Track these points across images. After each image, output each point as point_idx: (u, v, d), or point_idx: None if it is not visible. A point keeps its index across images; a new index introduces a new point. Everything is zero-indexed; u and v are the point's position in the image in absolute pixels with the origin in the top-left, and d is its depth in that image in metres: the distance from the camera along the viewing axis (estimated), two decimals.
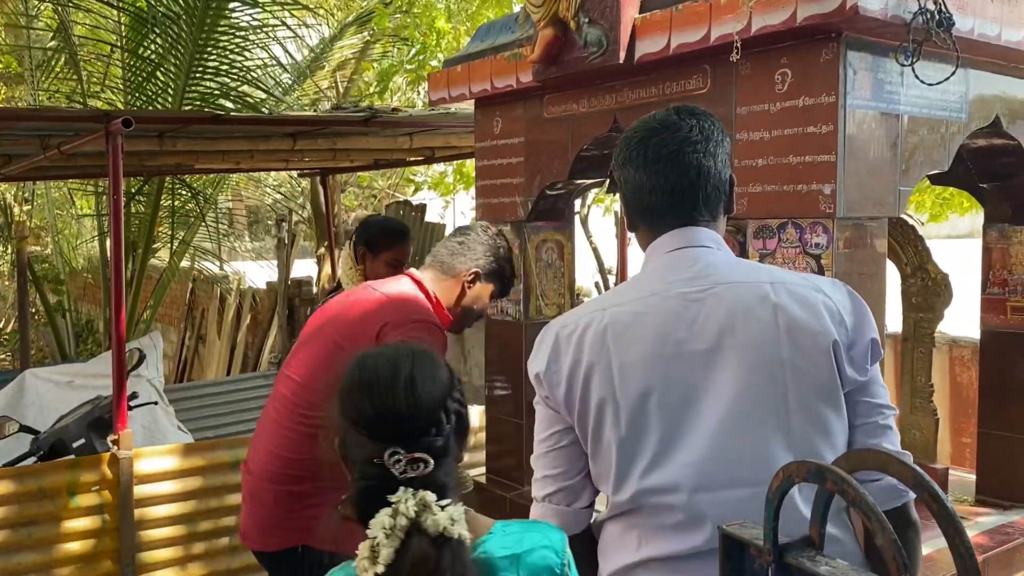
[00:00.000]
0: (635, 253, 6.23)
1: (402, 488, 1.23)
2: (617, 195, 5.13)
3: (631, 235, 5.69)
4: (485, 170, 3.20)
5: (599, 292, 6.57)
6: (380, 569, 1.19)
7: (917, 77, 2.06)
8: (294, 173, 8.51)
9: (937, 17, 1.94)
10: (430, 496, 1.22)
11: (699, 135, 1.53)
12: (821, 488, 0.90)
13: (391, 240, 3.19)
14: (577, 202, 4.47)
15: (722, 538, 1.02)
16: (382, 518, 1.21)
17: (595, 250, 6.42)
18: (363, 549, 1.22)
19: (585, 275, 3.69)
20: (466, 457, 2.99)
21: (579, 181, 2.99)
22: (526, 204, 2.99)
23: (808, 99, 2.07)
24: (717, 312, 1.44)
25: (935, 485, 0.82)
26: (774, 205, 2.21)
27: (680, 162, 1.51)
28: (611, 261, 6.59)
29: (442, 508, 1.21)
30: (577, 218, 4.28)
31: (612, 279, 6.47)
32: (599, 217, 6.96)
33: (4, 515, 3.17)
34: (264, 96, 7.37)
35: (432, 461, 1.25)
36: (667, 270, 1.51)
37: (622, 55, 2.36)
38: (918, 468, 0.83)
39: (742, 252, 3.48)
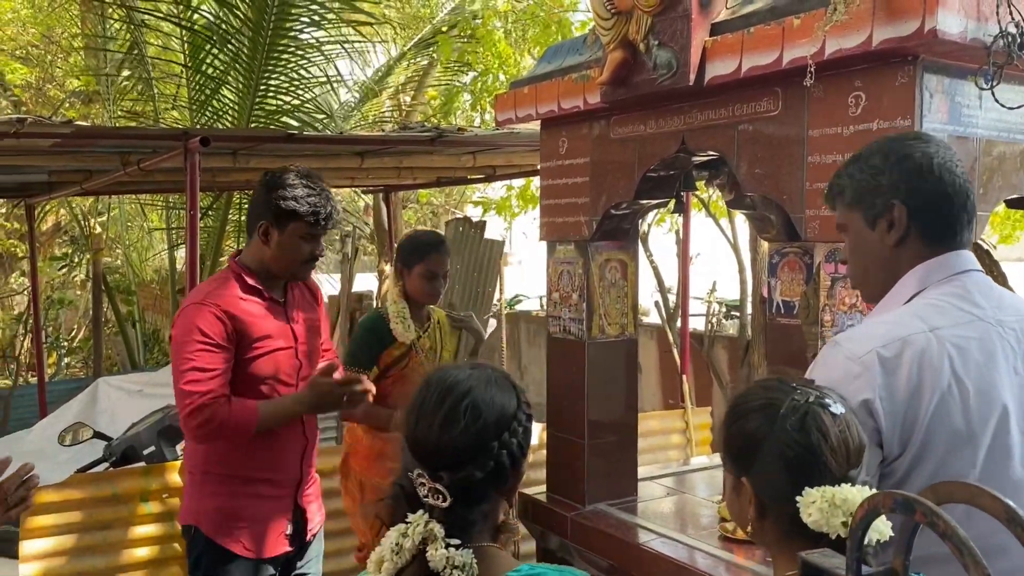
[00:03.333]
0: (697, 272, 6.11)
1: (421, 511, 1.25)
2: (679, 215, 5.03)
3: (694, 255, 5.65)
4: (550, 189, 3.22)
5: (659, 311, 6.53)
6: None
7: (997, 101, 2.02)
8: (356, 189, 8.66)
9: (1019, 40, 1.91)
10: (439, 530, 1.23)
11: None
12: (907, 519, 0.90)
13: (421, 253, 3.24)
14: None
15: (802, 566, 1.01)
16: (394, 535, 1.25)
17: (655, 269, 6.38)
18: (375, 555, 1.26)
19: (643, 294, 3.68)
20: (525, 474, 3.01)
21: (644, 201, 2.99)
22: (591, 223, 3.01)
23: (883, 122, 2.05)
24: None
25: None
26: None
27: (966, 180, 1.50)
28: (670, 280, 6.55)
29: (447, 547, 1.21)
30: None
31: (672, 298, 6.43)
32: (660, 236, 6.93)
33: (80, 519, 3.28)
34: (327, 116, 7.53)
35: (449, 498, 1.24)
36: (976, 294, 1.45)
37: (692, 77, 2.37)
38: (1010, 503, 0.82)
39: (809, 275, 3.45)
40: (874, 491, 1.16)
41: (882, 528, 1.11)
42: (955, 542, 0.79)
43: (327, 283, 10.35)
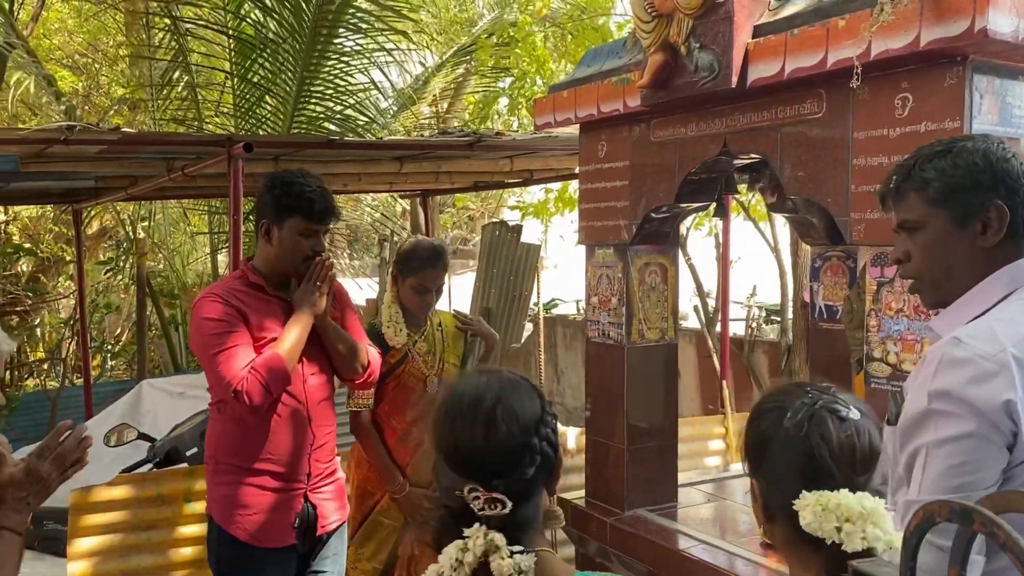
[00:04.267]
0: (737, 275, 6.02)
1: (477, 524, 1.24)
2: (719, 219, 4.97)
3: (734, 259, 5.59)
4: (588, 193, 3.21)
5: (698, 315, 6.48)
6: None
7: None
8: (394, 194, 8.72)
9: None
10: (500, 540, 1.22)
11: None
12: (963, 529, 0.88)
13: (415, 266, 3.13)
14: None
15: (853, 575, 1.00)
16: (452, 550, 1.23)
17: (694, 273, 6.33)
18: (431, 573, 1.25)
19: (681, 298, 3.62)
20: (563, 480, 3.01)
21: (685, 204, 2.98)
22: (630, 227, 3.00)
23: (931, 124, 2.02)
24: None
25: None
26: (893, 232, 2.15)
27: None
28: (709, 284, 6.49)
29: (511, 554, 1.21)
30: None
31: (711, 302, 6.37)
32: (698, 239, 6.87)
33: (125, 518, 3.33)
34: (367, 120, 7.59)
35: (510, 503, 1.24)
36: None
37: (734, 80, 2.35)
38: None
39: (853, 279, 3.40)
40: (876, 499, 1.19)
41: (888, 539, 1.15)
42: (1016, 553, 0.77)
43: (367, 287, 10.43)
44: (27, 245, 9.50)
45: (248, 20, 6.98)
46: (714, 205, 3.24)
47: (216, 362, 2.41)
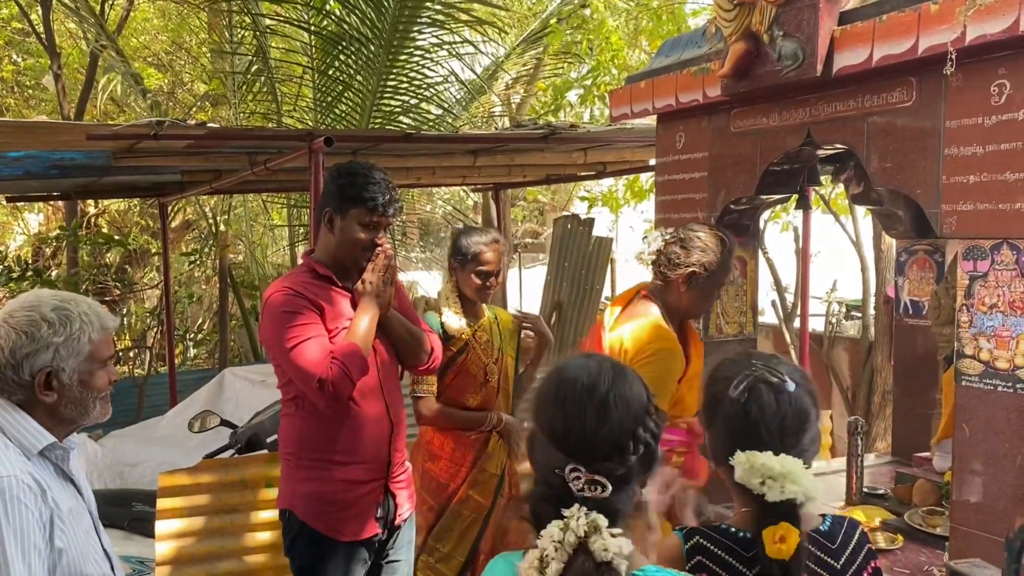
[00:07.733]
0: (817, 269, 5.90)
1: (576, 505, 1.25)
2: (799, 211, 4.86)
3: (813, 252, 5.46)
4: (666, 185, 3.18)
5: (775, 310, 6.36)
6: None
7: None
8: (465, 187, 8.77)
9: None
10: (602, 520, 1.23)
11: None
12: None
13: (474, 251, 3.15)
14: None
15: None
16: (553, 530, 1.24)
17: (771, 266, 6.21)
18: (531, 557, 1.25)
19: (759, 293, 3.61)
20: None
21: (766, 196, 2.92)
22: (708, 219, 2.95)
23: None
24: None
25: None
26: (987, 224, 2.07)
27: None
28: (786, 278, 6.35)
29: (611, 536, 1.22)
30: None
31: (789, 298, 6.24)
32: (774, 232, 6.73)
33: (209, 502, 3.44)
34: (441, 112, 7.63)
35: (610, 486, 1.25)
36: None
37: (819, 68, 2.30)
38: None
39: (940, 272, 3.29)
40: (796, 460, 1.43)
41: (804, 491, 1.40)
42: None
43: (436, 279, 10.52)
44: (116, 237, 9.86)
45: (332, 17, 7.08)
46: (796, 197, 3.18)
47: (295, 354, 2.42)
